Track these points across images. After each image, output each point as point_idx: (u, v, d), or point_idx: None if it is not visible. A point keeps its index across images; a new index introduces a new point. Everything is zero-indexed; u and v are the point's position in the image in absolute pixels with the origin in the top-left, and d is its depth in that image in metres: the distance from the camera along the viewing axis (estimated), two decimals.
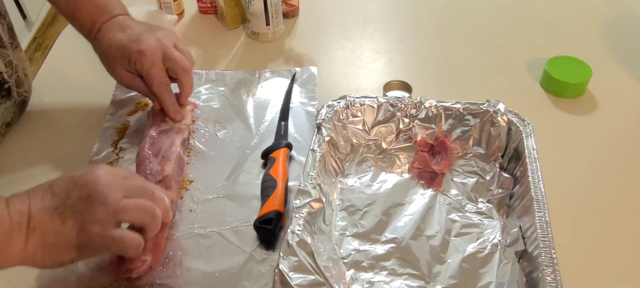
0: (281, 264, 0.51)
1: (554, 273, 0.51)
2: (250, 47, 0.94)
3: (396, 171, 0.69)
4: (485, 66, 0.89)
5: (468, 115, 0.70)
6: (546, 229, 0.55)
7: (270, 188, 0.64)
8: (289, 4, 0.99)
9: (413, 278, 0.56)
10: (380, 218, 0.63)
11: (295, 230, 0.54)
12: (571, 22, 0.99)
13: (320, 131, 0.67)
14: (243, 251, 0.60)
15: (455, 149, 0.70)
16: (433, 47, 0.94)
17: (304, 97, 0.81)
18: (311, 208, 0.57)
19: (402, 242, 0.60)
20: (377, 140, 0.72)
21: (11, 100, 0.76)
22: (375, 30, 0.98)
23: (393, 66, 0.89)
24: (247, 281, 0.57)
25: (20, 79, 0.78)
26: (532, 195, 0.58)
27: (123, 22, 0.71)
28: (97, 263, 0.59)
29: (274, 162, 0.67)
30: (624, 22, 0.99)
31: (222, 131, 0.76)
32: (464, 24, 1.00)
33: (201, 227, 0.63)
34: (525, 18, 1.01)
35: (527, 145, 0.64)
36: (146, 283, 0.57)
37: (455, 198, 0.65)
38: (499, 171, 0.67)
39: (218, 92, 0.83)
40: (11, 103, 0.76)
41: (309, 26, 1.00)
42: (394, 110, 0.71)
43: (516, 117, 0.68)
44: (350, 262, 0.58)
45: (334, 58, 0.91)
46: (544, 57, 0.84)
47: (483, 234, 0.60)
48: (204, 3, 1.01)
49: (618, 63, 0.88)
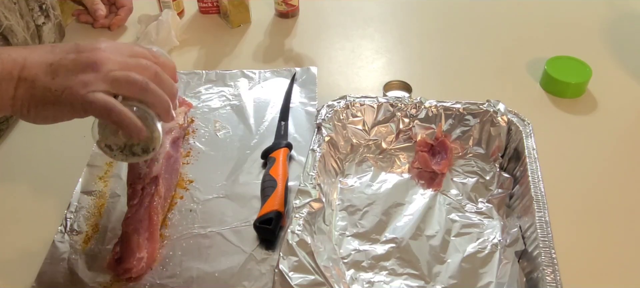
0: (281, 264, 0.51)
1: (554, 273, 0.51)
2: (250, 47, 0.94)
3: (396, 171, 0.69)
4: (485, 66, 0.89)
5: (468, 115, 0.70)
6: (546, 229, 0.55)
7: (270, 188, 0.64)
8: (289, 4, 0.99)
9: (413, 278, 0.56)
10: (380, 218, 0.63)
11: (295, 230, 0.54)
12: (571, 22, 0.99)
13: (320, 131, 0.67)
14: (243, 251, 0.60)
15: (455, 149, 0.70)
16: (433, 47, 0.94)
17: (304, 97, 0.81)
18: (311, 208, 0.57)
19: (402, 242, 0.60)
20: (377, 140, 0.72)
21: (51, 21, 0.85)
22: (375, 30, 0.98)
23: (393, 66, 0.89)
24: (247, 281, 0.57)
25: (54, 3, 0.88)
26: (532, 195, 0.58)
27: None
28: (97, 263, 0.59)
29: (274, 162, 0.67)
30: (624, 22, 0.99)
31: (222, 131, 0.76)
32: (464, 24, 1.00)
33: (201, 227, 0.63)
34: (525, 18, 1.01)
35: (527, 145, 0.64)
36: (146, 283, 0.57)
37: (455, 198, 0.65)
38: (499, 171, 0.67)
39: (218, 92, 0.83)
40: (52, 24, 0.86)
41: (309, 26, 1.00)
42: (394, 110, 0.71)
43: (516, 117, 0.68)
44: (350, 262, 0.58)
45: (334, 58, 0.91)
46: (544, 57, 0.84)
47: (483, 234, 0.60)
48: (204, 3, 1.02)
49: (618, 63, 0.88)
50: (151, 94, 0.51)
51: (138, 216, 0.59)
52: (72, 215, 0.64)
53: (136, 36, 0.95)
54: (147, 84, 0.51)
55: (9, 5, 0.76)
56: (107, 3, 0.99)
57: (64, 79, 0.49)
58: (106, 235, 0.62)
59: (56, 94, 0.49)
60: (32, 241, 0.62)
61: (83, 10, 0.99)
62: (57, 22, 0.89)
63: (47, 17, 0.85)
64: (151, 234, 0.59)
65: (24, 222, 0.65)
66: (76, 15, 0.99)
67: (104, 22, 0.98)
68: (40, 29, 0.83)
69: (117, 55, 0.51)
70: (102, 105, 0.49)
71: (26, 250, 0.61)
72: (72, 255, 0.60)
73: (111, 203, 0.66)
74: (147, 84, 0.51)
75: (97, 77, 0.49)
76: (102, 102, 0.49)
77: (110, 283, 0.57)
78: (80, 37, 0.97)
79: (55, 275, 0.58)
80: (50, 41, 0.86)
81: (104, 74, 0.49)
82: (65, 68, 0.49)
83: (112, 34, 0.98)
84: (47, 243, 0.61)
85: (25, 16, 0.78)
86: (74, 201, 0.65)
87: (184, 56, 0.92)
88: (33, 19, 0.82)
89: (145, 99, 0.52)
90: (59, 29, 0.91)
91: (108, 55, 0.50)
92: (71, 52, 0.50)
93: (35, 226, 0.64)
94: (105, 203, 0.66)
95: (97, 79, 0.49)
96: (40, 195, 0.68)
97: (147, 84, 0.51)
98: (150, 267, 0.58)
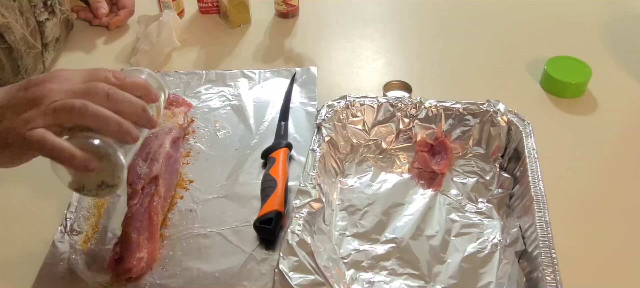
0: (281, 264, 0.51)
1: (554, 273, 0.51)
2: (250, 47, 0.94)
3: (396, 171, 0.69)
4: (485, 66, 0.89)
5: (468, 115, 0.70)
6: (546, 229, 0.55)
7: (270, 188, 0.64)
8: (289, 4, 0.99)
9: (413, 278, 0.56)
10: (380, 218, 0.63)
11: (295, 230, 0.54)
12: (571, 22, 0.99)
13: (320, 131, 0.67)
14: (243, 251, 0.60)
15: (455, 149, 0.70)
16: (433, 47, 0.94)
17: (304, 97, 0.81)
18: (311, 208, 0.57)
19: (402, 242, 0.60)
20: (377, 140, 0.72)
21: (56, 17, 0.87)
22: (375, 30, 0.98)
23: (393, 66, 0.89)
24: (247, 281, 0.57)
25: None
26: (532, 195, 0.58)
27: None
28: (97, 263, 0.59)
29: (274, 162, 0.67)
30: (624, 22, 0.99)
31: (222, 131, 0.76)
32: (464, 24, 1.00)
33: (201, 227, 0.63)
34: (525, 18, 1.01)
35: (527, 145, 0.64)
36: (146, 283, 0.57)
37: (455, 198, 0.65)
38: (498, 171, 0.67)
39: (218, 92, 0.83)
40: (57, 20, 0.87)
41: (309, 26, 1.00)
42: (394, 110, 0.71)
43: (516, 117, 0.68)
44: (350, 262, 0.58)
45: (334, 58, 0.91)
46: (544, 57, 0.84)
47: (483, 234, 0.60)
48: (204, 3, 1.02)
49: (618, 63, 0.88)
50: (92, 118, 0.46)
51: (138, 216, 0.59)
52: (72, 215, 0.64)
53: (136, 37, 0.95)
54: (85, 108, 0.46)
55: (6, 3, 0.76)
56: (109, 2, 0.99)
57: (9, 121, 0.46)
58: (106, 235, 0.62)
59: (3, 137, 0.46)
60: (32, 241, 0.62)
61: (83, 6, 1.00)
62: (64, 17, 0.90)
63: (52, 13, 0.86)
64: (151, 234, 0.59)
65: (24, 222, 0.65)
66: (75, 11, 0.99)
67: (102, 21, 0.98)
68: (43, 25, 0.84)
69: (66, 84, 0.48)
70: (36, 141, 0.45)
71: (26, 250, 0.61)
72: (72, 255, 0.60)
73: (111, 203, 0.66)
74: (86, 107, 0.46)
75: (38, 112, 0.46)
76: (36, 138, 0.45)
77: (110, 283, 0.57)
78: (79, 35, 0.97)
79: (55, 275, 0.58)
80: (54, 37, 0.87)
81: (45, 108, 0.46)
82: (11, 109, 0.47)
83: (112, 34, 0.98)
84: (47, 243, 0.61)
85: (25, 13, 0.79)
86: (74, 201, 0.65)
87: (184, 56, 0.92)
88: (34, 15, 0.82)
89: (87, 124, 0.47)
90: (66, 24, 0.92)
91: (53, 87, 0.47)
92: (20, 90, 0.47)
93: (35, 226, 0.64)
94: (105, 203, 0.66)
95: (38, 114, 0.46)
96: (40, 195, 0.68)
97: (85, 108, 0.46)
98: (150, 267, 0.58)
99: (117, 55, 0.92)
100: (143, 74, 0.54)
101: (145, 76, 0.53)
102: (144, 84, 0.51)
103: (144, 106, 0.49)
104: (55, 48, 0.88)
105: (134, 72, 0.53)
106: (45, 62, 0.85)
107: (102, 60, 0.91)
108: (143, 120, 0.49)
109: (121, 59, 0.91)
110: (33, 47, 0.80)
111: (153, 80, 0.54)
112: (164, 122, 0.71)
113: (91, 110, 0.46)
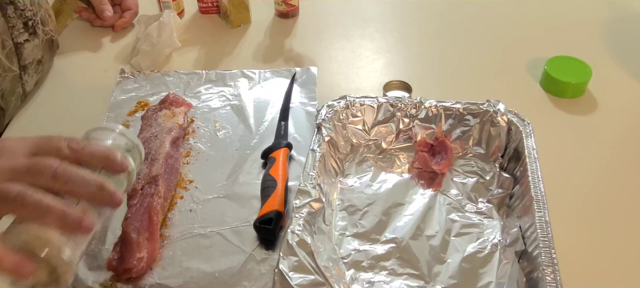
0: (281, 264, 0.51)
1: (554, 273, 0.51)
2: (250, 47, 0.94)
3: (396, 171, 0.69)
4: (485, 66, 0.89)
5: (468, 115, 0.70)
6: (546, 229, 0.55)
7: (270, 188, 0.64)
8: (289, 4, 0.99)
9: (413, 278, 0.56)
10: (380, 218, 0.63)
11: (295, 230, 0.54)
12: (571, 22, 0.99)
13: (320, 131, 0.67)
14: (243, 251, 0.60)
15: (455, 149, 0.70)
16: (433, 47, 0.94)
17: (304, 97, 0.81)
18: (311, 208, 0.57)
19: (402, 242, 0.60)
20: (377, 140, 0.72)
21: (38, 38, 0.80)
22: (375, 30, 0.98)
23: (393, 66, 0.89)
24: (247, 281, 0.57)
25: (45, 18, 0.83)
26: (532, 195, 0.58)
27: None
28: (97, 263, 0.59)
29: (274, 162, 0.67)
30: (624, 22, 0.99)
31: (222, 131, 0.76)
32: (464, 24, 1.00)
33: (201, 227, 0.63)
34: (525, 18, 1.01)
35: (527, 145, 0.64)
36: (146, 283, 0.57)
37: (455, 198, 0.65)
38: (498, 171, 0.67)
39: (218, 92, 0.83)
40: (39, 41, 0.81)
41: (309, 26, 1.00)
42: (394, 110, 0.71)
43: (516, 117, 0.68)
44: (350, 262, 0.58)
45: (334, 58, 0.91)
46: (544, 57, 0.84)
47: (483, 234, 0.60)
48: (204, 3, 1.02)
49: (618, 63, 0.88)
50: (29, 210, 0.40)
51: (138, 216, 0.59)
52: None
53: (136, 37, 0.95)
54: (22, 198, 0.39)
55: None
56: (111, 3, 0.99)
57: None
58: (106, 235, 0.62)
59: None
60: None
61: (85, 7, 0.99)
62: (48, 38, 0.83)
63: (33, 34, 0.79)
64: (151, 234, 0.59)
65: None
66: (78, 11, 0.99)
67: (105, 23, 0.98)
68: (21, 46, 0.77)
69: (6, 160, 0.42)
70: None
71: None
72: None
73: None
74: (23, 198, 0.39)
75: None
76: None
77: (110, 283, 0.57)
78: (80, 35, 0.97)
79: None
80: (35, 58, 0.80)
81: None
82: None
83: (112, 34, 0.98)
84: None
85: (1, 34, 0.73)
86: None
87: (184, 56, 0.92)
88: (12, 36, 0.75)
89: (25, 216, 0.40)
90: (50, 46, 0.85)
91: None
92: None
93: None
94: None
95: None
96: None
97: (22, 198, 0.39)
98: (150, 267, 0.58)
99: (118, 55, 0.92)
100: (113, 133, 0.47)
101: (113, 138, 0.47)
102: (106, 154, 0.44)
103: (100, 184, 0.42)
104: (37, 71, 0.82)
105: (99, 134, 0.47)
106: (25, 85, 0.80)
107: (102, 61, 0.91)
108: (100, 200, 0.43)
109: (121, 59, 0.91)
110: (9, 70, 0.74)
111: (123, 141, 0.47)
112: (164, 122, 0.71)
113: (29, 200, 0.39)
